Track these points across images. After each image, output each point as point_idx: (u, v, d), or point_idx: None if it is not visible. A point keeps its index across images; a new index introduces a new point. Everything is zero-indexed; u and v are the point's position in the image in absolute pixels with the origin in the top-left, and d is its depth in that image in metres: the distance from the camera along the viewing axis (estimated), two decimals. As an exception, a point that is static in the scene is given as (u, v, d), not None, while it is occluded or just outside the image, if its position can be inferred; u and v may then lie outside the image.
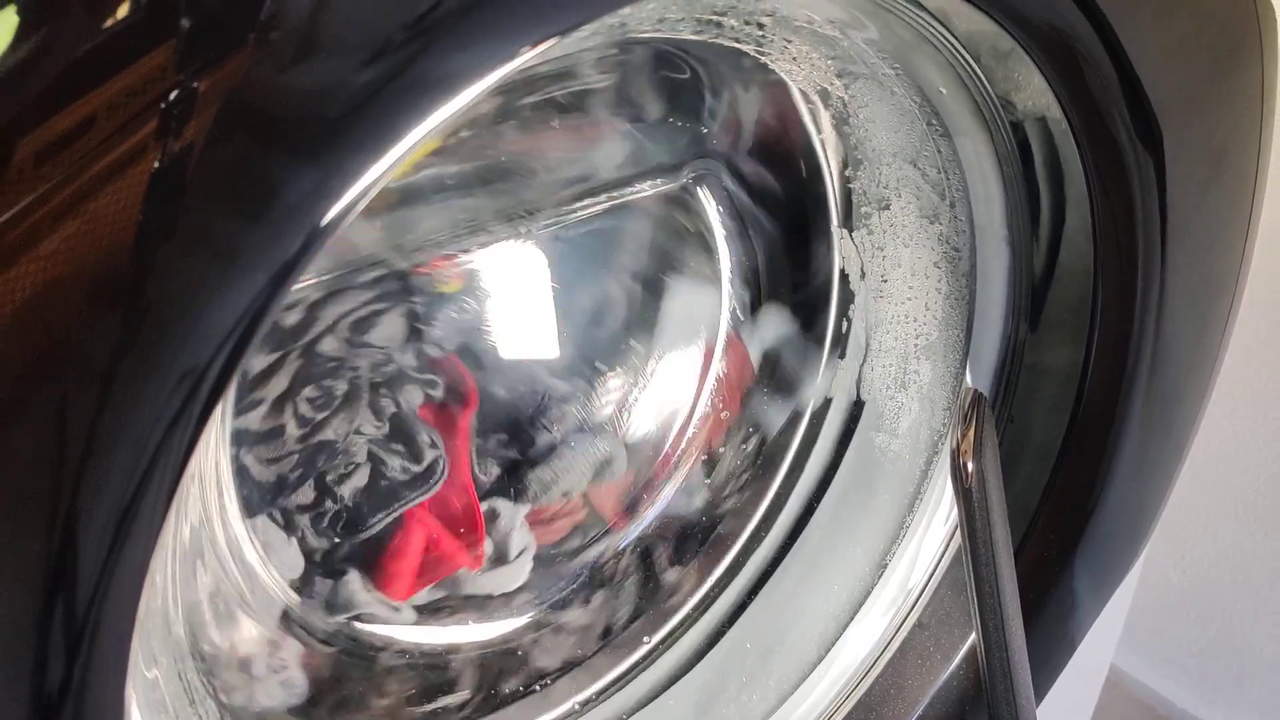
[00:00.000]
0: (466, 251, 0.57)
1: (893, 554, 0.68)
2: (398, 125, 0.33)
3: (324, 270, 0.49)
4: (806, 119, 0.58)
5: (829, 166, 0.60)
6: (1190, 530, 1.19)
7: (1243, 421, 1.12)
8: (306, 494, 0.53)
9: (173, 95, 0.30)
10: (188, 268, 0.31)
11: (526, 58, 0.34)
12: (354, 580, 0.56)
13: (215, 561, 0.48)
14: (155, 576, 0.39)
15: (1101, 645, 1.03)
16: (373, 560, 0.56)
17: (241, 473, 0.49)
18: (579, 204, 0.59)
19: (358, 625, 0.56)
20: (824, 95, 0.57)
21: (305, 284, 0.48)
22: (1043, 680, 0.70)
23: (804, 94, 0.57)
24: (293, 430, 0.53)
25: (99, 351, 0.31)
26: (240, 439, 0.50)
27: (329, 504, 0.54)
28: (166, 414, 0.32)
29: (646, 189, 0.61)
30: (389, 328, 0.56)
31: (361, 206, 0.33)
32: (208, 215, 0.31)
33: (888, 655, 0.67)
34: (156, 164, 0.30)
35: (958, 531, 0.67)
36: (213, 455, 0.48)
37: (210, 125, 0.31)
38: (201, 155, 0.31)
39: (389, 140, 0.33)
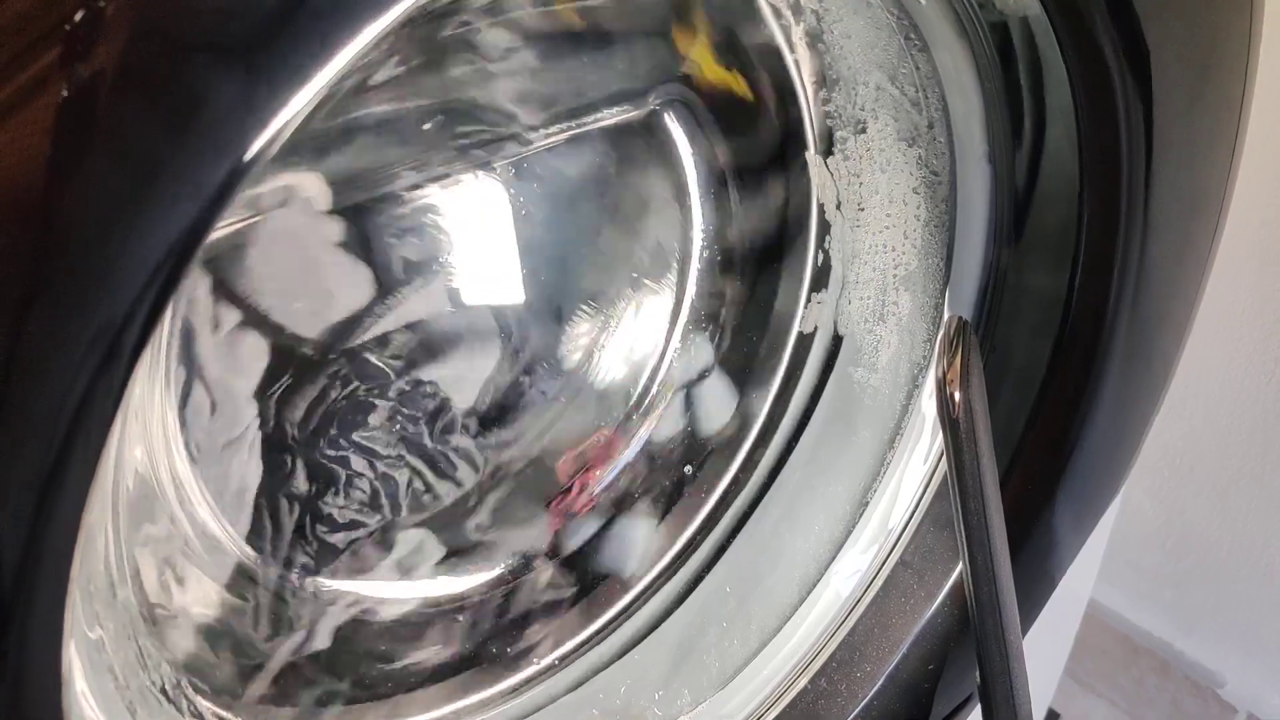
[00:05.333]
0: (421, 187, 0.53)
1: (874, 491, 0.66)
2: (348, 22, 0.30)
3: (259, 210, 0.46)
4: (778, 36, 0.55)
5: (803, 88, 0.58)
6: (1166, 460, 1.18)
7: (1220, 349, 1.11)
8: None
9: (78, 16, 0.27)
10: (106, 196, 0.28)
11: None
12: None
13: (164, 516, 0.45)
14: (95, 539, 0.37)
15: (1081, 579, 1.03)
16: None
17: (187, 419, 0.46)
18: (539, 134, 0.56)
19: (322, 580, 0.53)
20: (796, 9, 0.54)
21: (239, 224, 0.45)
22: (1024, 617, 0.69)
23: (775, 9, 0.54)
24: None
25: (7, 297, 0.28)
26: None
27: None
28: (88, 365, 0.29)
29: (610, 116, 0.58)
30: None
31: (297, 123, 0.29)
32: (127, 137, 0.28)
33: (870, 594, 0.66)
34: (65, 92, 0.27)
35: (939, 467, 0.65)
36: (158, 404, 0.45)
37: (126, 38, 0.28)
38: (117, 71, 0.28)
39: (335, 40, 0.29)
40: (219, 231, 0.44)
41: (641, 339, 0.69)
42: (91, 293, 0.29)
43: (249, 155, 0.29)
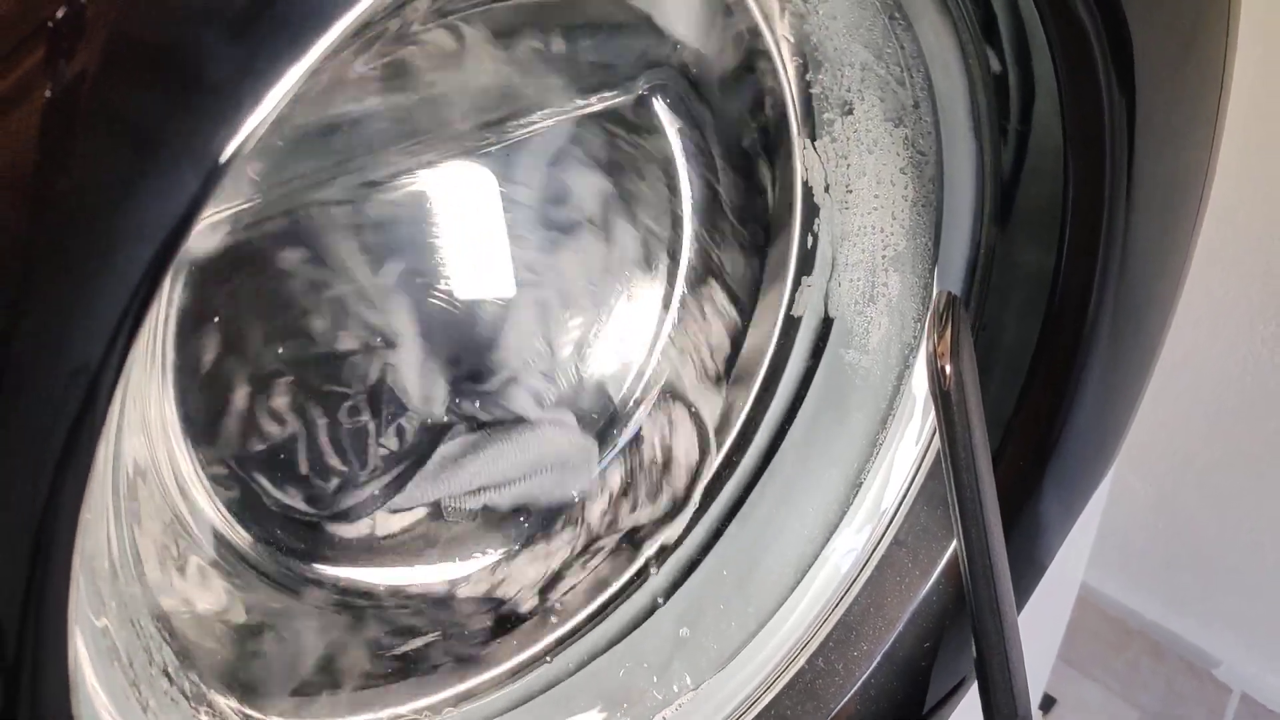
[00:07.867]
0: (409, 172, 0.53)
1: (867, 472, 0.67)
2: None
3: (250, 196, 0.46)
4: (761, 20, 0.56)
5: (788, 70, 0.58)
6: (1155, 441, 1.19)
7: (1205, 329, 1.12)
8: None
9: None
10: (105, 174, 0.28)
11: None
12: None
13: (163, 505, 0.45)
14: (97, 526, 0.37)
15: (1073, 562, 1.04)
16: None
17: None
18: (525, 120, 0.56)
19: (319, 567, 0.53)
20: (781, -8, 0.54)
21: (230, 210, 0.45)
22: (1016, 600, 0.69)
23: (760, -9, 0.55)
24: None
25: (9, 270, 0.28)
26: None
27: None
28: (99, 338, 0.29)
29: (598, 103, 0.58)
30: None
31: (292, 92, 0.30)
32: (124, 113, 0.28)
33: (866, 574, 0.66)
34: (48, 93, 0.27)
35: (931, 447, 0.66)
36: (155, 394, 0.45)
37: (119, 9, 0.28)
38: (113, 44, 0.28)
39: (332, 8, 0.29)
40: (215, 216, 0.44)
41: (631, 330, 0.70)
42: (92, 269, 0.29)
43: (247, 128, 0.29)
